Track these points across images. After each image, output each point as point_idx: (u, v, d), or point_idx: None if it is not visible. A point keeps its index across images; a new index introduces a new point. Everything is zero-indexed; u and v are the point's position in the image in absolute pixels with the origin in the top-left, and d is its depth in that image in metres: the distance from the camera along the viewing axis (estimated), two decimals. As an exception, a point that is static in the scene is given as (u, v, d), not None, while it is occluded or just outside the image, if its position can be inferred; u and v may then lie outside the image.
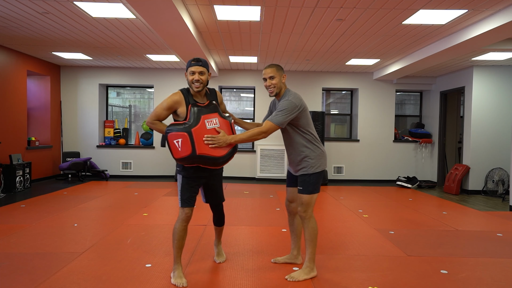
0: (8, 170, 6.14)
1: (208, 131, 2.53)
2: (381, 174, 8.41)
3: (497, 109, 7.00)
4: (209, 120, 2.56)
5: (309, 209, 2.73)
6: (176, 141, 2.46)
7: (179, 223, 2.61)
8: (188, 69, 2.58)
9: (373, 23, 4.69)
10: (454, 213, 5.17)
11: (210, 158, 2.51)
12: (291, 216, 3.03)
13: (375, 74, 8.24)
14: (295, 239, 3.03)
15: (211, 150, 2.50)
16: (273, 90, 2.76)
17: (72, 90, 8.23)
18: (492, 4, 3.97)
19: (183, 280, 2.57)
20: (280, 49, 6.19)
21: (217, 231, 3.08)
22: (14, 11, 4.51)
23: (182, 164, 2.59)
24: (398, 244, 3.61)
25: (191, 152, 2.45)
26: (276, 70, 2.74)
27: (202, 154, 2.48)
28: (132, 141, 8.78)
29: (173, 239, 2.63)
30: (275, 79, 2.73)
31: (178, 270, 2.63)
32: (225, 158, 2.58)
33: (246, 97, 8.94)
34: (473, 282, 2.74)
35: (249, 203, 5.57)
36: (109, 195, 6.01)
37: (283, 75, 2.78)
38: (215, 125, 2.57)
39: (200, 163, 2.53)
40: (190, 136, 2.45)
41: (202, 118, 2.53)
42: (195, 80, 2.56)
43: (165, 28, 4.50)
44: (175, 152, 2.49)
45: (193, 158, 2.47)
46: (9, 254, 3.12)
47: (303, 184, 2.73)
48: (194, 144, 2.45)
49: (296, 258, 3.04)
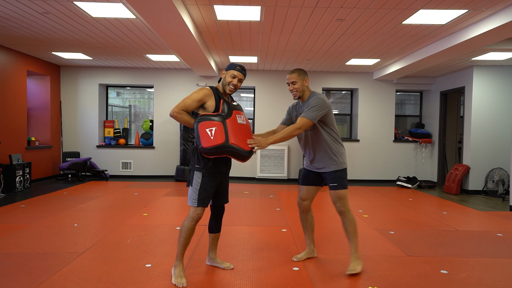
0: (8, 170, 6.14)
1: (239, 125, 2.63)
2: (381, 174, 8.41)
3: (497, 109, 7.00)
4: (239, 115, 2.68)
5: (347, 203, 2.88)
6: (210, 129, 2.50)
7: (189, 222, 2.62)
8: (231, 71, 2.71)
9: (373, 23, 4.69)
10: (454, 213, 5.17)
11: (240, 150, 2.56)
12: (304, 213, 3.12)
13: (375, 74, 8.25)
14: (310, 234, 3.15)
15: (241, 143, 2.57)
16: (296, 94, 2.93)
17: (72, 90, 8.23)
18: (492, 4, 3.97)
19: (183, 280, 2.57)
20: (280, 49, 6.19)
21: (214, 240, 2.94)
22: (14, 11, 4.51)
23: (207, 156, 2.55)
24: (398, 244, 3.61)
25: (224, 141, 2.49)
26: (297, 75, 2.90)
27: (234, 145, 2.53)
28: (132, 141, 8.78)
29: (180, 236, 2.64)
30: (297, 84, 2.90)
31: (179, 268, 2.64)
32: (250, 153, 2.67)
33: (246, 97, 8.94)
34: (473, 282, 2.73)
35: (249, 203, 5.57)
36: (109, 195, 6.01)
37: (306, 78, 2.93)
38: (243, 121, 2.69)
39: (229, 153, 2.56)
40: (224, 125, 2.53)
41: (234, 112, 2.65)
42: (233, 84, 2.70)
43: (165, 28, 4.50)
44: (206, 140, 2.48)
45: (225, 148, 2.51)
46: (9, 254, 3.12)
47: (337, 180, 2.86)
48: (228, 133, 2.51)
49: (313, 251, 3.18)
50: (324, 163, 2.91)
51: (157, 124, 8.30)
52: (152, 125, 8.48)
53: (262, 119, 8.37)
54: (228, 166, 2.79)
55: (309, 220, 3.13)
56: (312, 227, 3.16)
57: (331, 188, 2.89)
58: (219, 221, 2.94)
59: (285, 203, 5.61)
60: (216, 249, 2.98)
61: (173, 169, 8.32)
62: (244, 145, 2.60)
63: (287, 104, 8.31)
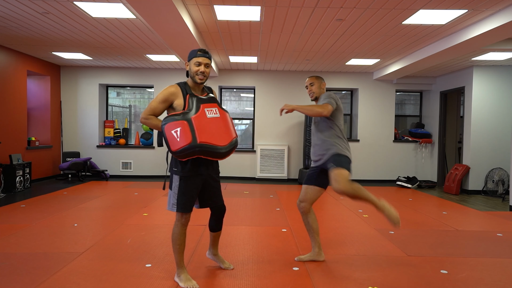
0: (8, 170, 6.14)
1: (209, 119, 2.40)
2: (381, 174, 8.42)
3: (497, 109, 7.00)
4: (209, 109, 2.44)
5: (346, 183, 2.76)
6: (174, 131, 2.31)
7: (179, 228, 2.51)
8: (194, 59, 2.48)
9: (373, 23, 4.69)
10: (454, 213, 5.17)
11: (212, 147, 2.35)
12: (304, 215, 3.11)
13: (375, 74, 8.25)
14: (314, 236, 3.10)
15: (212, 139, 2.36)
16: (313, 95, 3.12)
17: (72, 90, 8.23)
18: (492, 4, 3.97)
19: (193, 282, 2.51)
20: (280, 49, 6.19)
21: (215, 238, 2.82)
22: (14, 11, 4.52)
23: (180, 159, 2.41)
24: (398, 244, 3.61)
25: (191, 140, 2.29)
26: (316, 78, 3.14)
27: (203, 143, 2.32)
28: (132, 141, 8.78)
29: (174, 244, 2.54)
30: (314, 85, 3.11)
31: (184, 274, 2.56)
32: (227, 149, 2.44)
33: (246, 97, 8.94)
34: (473, 282, 2.73)
35: (249, 203, 5.57)
36: (109, 195, 6.01)
37: (323, 83, 3.14)
38: (215, 114, 2.45)
39: (201, 153, 2.35)
40: (190, 123, 2.32)
41: (202, 106, 2.43)
42: (200, 71, 2.47)
43: (165, 28, 4.50)
44: (173, 143, 2.33)
45: (194, 148, 2.31)
46: (9, 254, 3.12)
47: (336, 162, 2.84)
48: (194, 132, 2.31)
49: (319, 255, 3.10)
50: (326, 151, 2.94)
51: (157, 124, 8.28)
52: (152, 125, 8.46)
53: (262, 119, 8.37)
54: (210, 167, 2.57)
55: (310, 223, 3.08)
56: (314, 229, 3.07)
57: (329, 169, 2.85)
58: (220, 221, 2.77)
59: (285, 203, 5.61)
60: (218, 246, 2.88)
61: (173, 169, 8.30)
62: (218, 140, 2.38)
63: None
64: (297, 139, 8.34)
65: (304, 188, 3.10)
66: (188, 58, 2.54)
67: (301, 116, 8.28)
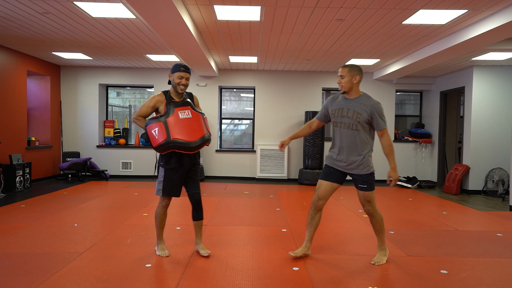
0: (8, 170, 6.14)
1: (181, 120, 2.89)
2: (381, 174, 8.39)
3: (497, 109, 7.00)
4: (181, 111, 2.93)
5: (374, 204, 3.01)
6: (154, 130, 2.84)
7: (160, 209, 3.11)
8: (177, 73, 2.97)
9: (373, 23, 4.69)
10: (454, 213, 5.17)
11: (183, 142, 2.84)
12: (315, 211, 3.11)
13: (375, 74, 8.24)
14: (312, 232, 3.15)
15: (184, 136, 2.85)
16: (341, 88, 2.98)
17: (72, 90, 8.23)
18: (492, 4, 3.97)
19: (165, 251, 3.15)
20: (280, 49, 6.19)
21: (197, 227, 3.20)
22: (14, 11, 4.52)
23: (160, 153, 2.96)
24: (398, 244, 3.61)
25: (166, 137, 2.80)
26: (348, 70, 2.94)
27: (176, 139, 2.82)
28: (132, 141, 8.78)
29: (155, 221, 3.14)
30: (345, 78, 2.94)
31: (161, 244, 3.19)
32: (197, 144, 2.91)
33: (246, 97, 8.94)
34: (473, 282, 2.73)
35: (249, 203, 5.57)
36: (109, 195, 6.01)
37: (356, 76, 2.94)
38: (187, 115, 2.94)
39: (174, 148, 2.85)
40: (165, 124, 2.84)
41: (175, 110, 2.92)
42: (182, 84, 2.98)
43: (165, 28, 4.50)
44: (153, 140, 2.86)
45: (168, 143, 2.81)
46: (9, 254, 3.12)
47: (368, 183, 2.95)
48: (168, 131, 2.82)
49: (308, 249, 3.18)
50: (358, 165, 2.93)
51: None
52: (152, 125, 8.47)
53: (262, 119, 8.37)
54: (192, 159, 3.05)
55: (316, 219, 3.12)
56: (316, 226, 3.15)
57: (361, 189, 2.97)
58: (199, 210, 3.16)
59: (285, 203, 5.61)
60: (201, 235, 3.26)
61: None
62: (189, 137, 2.86)
63: (287, 104, 8.34)
64: (297, 139, 8.33)
65: (324, 184, 3.04)
66: (171, 70, 3.02)
67: (301, 116, 8.28)
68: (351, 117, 2.92)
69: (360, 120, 2.89)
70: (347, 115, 2.93)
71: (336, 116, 3.00)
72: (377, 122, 2.90)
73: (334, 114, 3.02)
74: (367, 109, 2.89)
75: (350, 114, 2.92)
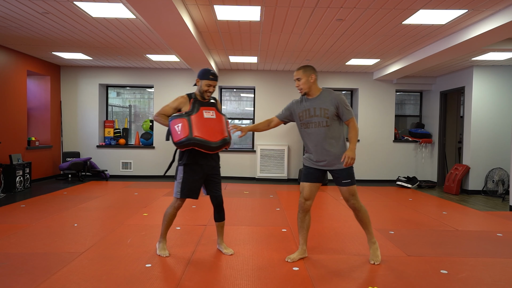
0: (8, 170, 6.14)
1: (206, 119, 2.92)
2: (381, 174, 8.42)
3: (497, 109, 7.00)
4: (207, 111, 2.96)
5: (358, 198, 3.02)
6: (177, 125, 2.85)
7: (171, 209, 3.07)
8: (205, 81, 2.99)
9: (373, 23, 4.69)
10: (454, 213, 5.17)
11: (204, 141, 2.85)
12: (304, 213, 3.11)
13: (375, 74, 8.25)
14: (305, 234, 3.16)
15: (206, 135, 2.86)
16: (301, 91, 3.03)
17: (72, 90, 8.23)
18: (492, 4, 3.97)
19: (166, 252, 3.14)
20: (280, 49, 6.19)
21: (219, 228, 3.24)
22: (14, 11, 4.52)
23: (180, 149, 2.95)
24: (398, 244, 3.61)
25: (188, 133, 2.82)
26: (303, 72, 2.99)
27: (198, 137, 2.83)
28: (132, 141, 8.78)
29: (164, 220, 3.12)
30: (302, 80, 2.99)
31: (163, 243, 3.18)
32: (218, 144, 2.93)
33: (246, 97, 8.94)
34: (473, 282, 2.73)
35: (249, 203, 5.57)
36: (109, 195, 6.01)
37: (311, 75, 2.99)
38: (212, 116, 2.97)
39: (195, 145, 2.85)
40: (189, 121, 2.85)
41: (201, 108, 2.95)
42: (210, 91, 3.03)
43: (165, 28, 4.50)
44: (175, 135, 2.86)
45: (189, 140, 2.82)
46: (9, 254, 3.12)
47: (350, 177, 2.97)
48: (191, 128, 2.83)
49: (305, 252, 3.19)
50: (336, 160, 2.95)
51: (157, 124, 8.29)
52: (152, 125, 8.48)
53: (262, 119, 8.33)
54: (212, 160, 3.07)
55: (306, 221, 3.12)
56: (308, 227, 3.15)
57: (345, 184, 2.97)
58: (220, 211, 3.18)
59: (285, 203, 5.61)
60: (222, 235, 3.30)
61: (173, 169, 8.29)
62: (210, 137, 2.88)
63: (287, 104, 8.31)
64: (297, 139, 8.34)
65: (308, 186, 3.05)
66: (199, 76, 3.03)
67: (301, 116, 8.27)
68: (319, 114, 2.95)
69: (329, 115, 2.93)
70: (315, 113, 2.97)
71: (305, 118, 3.02)
72: (342, 112, 2.96)
73: (302, 116, 3.04)
74: (331, 103, 2.94)
75: (318, 113, 2.96)
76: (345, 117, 2.97)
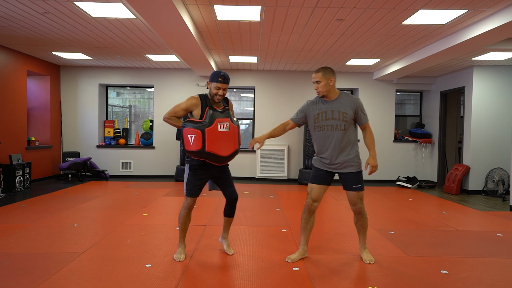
0: (8, 170, 6.14)
1: (219, 133, 2.88)
2: (381, 174, 8.41)
3: (497, 109, 7.00)
4: (221, 123, 2.92)
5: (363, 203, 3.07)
6: (190, 135, 2.82)
7: (183, 210, 3.06)
8: (215, 83, 2.94)
9: (373, 23, 4.69)
10: (454, 213, 5.17)
11: (216, 156, 2.87)
12: (310, 214, 3.11)
13: (375, 74, 8.24)
14: (308, 235, 3.17)
15: (218, 150, 2.86)
16: (320, 93, 2.99)
17: (72, 90, 8.23)
18: (492, 4, 3.97)
19: (181, 256, 3.06)
20: (280, 49, 6.19)
21: (227, 223, 3.26)
22: (14, 11, 4.51)
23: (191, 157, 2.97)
24: (398, 244, 3.61)
25: (201, 147, 2.80)
26: (322, 74, 2.96)
27: (210, 152, 2.83)
28: (132, 141, 8.78)
29: (179, 223, 3.09)
30: (321, 83, 2.95)
31: (181, 248, 3.12)
32: (228, 158, 2.97)
33: (246, 97, 8.94)
34: (473, 282, 2.73)
35: (249, 203, 5.57)
36: (109, 195, 6.01)
37: (331, 78, 2.96)
38: (225, 128, 2.94)
39: (206, 158, 2.88)
40: (203, 134, 2.81)
41: (216, 120, 2.89)
42: (219, 94, 2.96)
43: (165, 28, 4.50)
44: (187, 144, 2.85)
45: (202, 154, 2.83)
46: (9, 254, 3.12)
47: (361, 182, 3.02)
48: (205, 141, 2.80)
49: (305, 252, 3.19)
50: (349, 163, 2.99)
51: (157, 124, 8.29)
52: (152, 125, 8.48)
53: (262, 119, 8.37)
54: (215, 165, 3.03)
55: (311, 222, 3.13)
56: (311, 228, 3.15)
57: (355, 189, 2.99)
58: (232, 207, 3.18)
59: (285, 203, 5.61)
60: (228, 230, 3.32)
61: (173, 169, 8.32)
62: (222, 151, 2.88)
63: (287, 104, 8.33)
64: (297, 139, 8.34)
65: (317, 188, 3.05)
66: (210, 79, 2.99)
67: (301, 116, 8.27)
68: (337, 118, 2.95)
69: (347, 118, 2.95)
70: (333, 116, 2.95)
71: (320, 120, 2.99)
72: (360, 117, 3.00)
73: (317, 118, 3.01)
74: (350, 107, 2.97)
75: (336, 116, 2.95)
76: (361, 122, 3.02)
